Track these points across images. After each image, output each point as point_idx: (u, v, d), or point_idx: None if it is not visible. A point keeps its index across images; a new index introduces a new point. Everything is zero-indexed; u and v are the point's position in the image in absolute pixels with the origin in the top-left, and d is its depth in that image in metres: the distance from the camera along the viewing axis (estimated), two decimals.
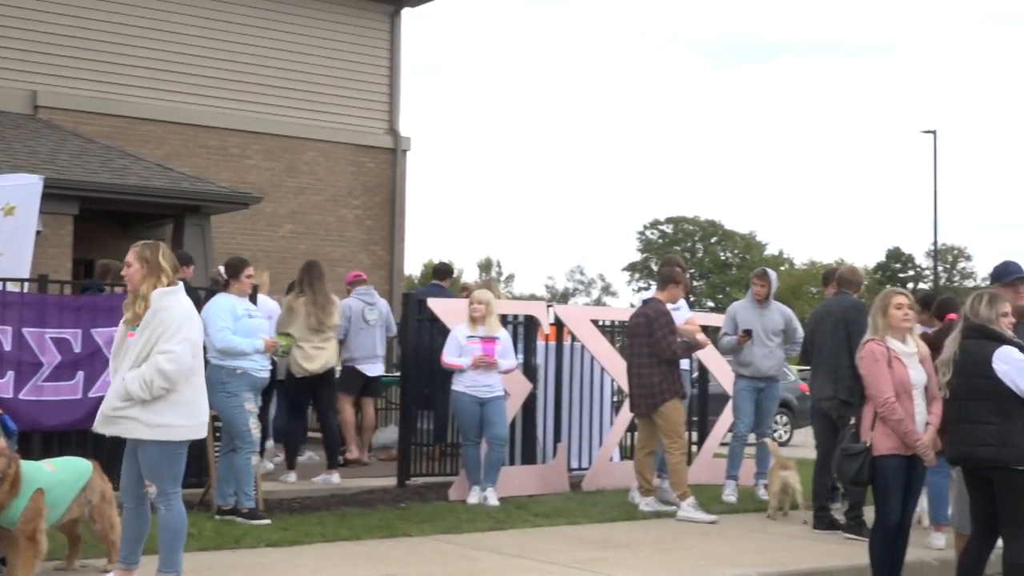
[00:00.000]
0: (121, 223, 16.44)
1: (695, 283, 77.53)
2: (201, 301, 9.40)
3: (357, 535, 8.80)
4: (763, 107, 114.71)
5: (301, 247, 18.31)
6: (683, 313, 11.15)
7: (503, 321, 11.18)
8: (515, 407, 11.36)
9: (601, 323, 12.46)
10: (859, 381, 7.71)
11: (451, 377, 10.68)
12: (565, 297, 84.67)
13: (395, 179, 20.05)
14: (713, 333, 11.89)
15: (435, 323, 11.43)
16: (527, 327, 11.85)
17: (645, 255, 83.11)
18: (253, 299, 9.95)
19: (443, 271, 14.25)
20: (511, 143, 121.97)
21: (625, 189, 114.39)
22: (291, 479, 11.18)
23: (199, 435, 6.72)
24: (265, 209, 17.92)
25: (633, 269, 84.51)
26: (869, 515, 8.39)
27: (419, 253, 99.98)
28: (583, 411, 12.33)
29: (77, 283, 12.19)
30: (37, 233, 10.60)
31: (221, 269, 9.84)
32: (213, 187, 15.63)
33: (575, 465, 12.11)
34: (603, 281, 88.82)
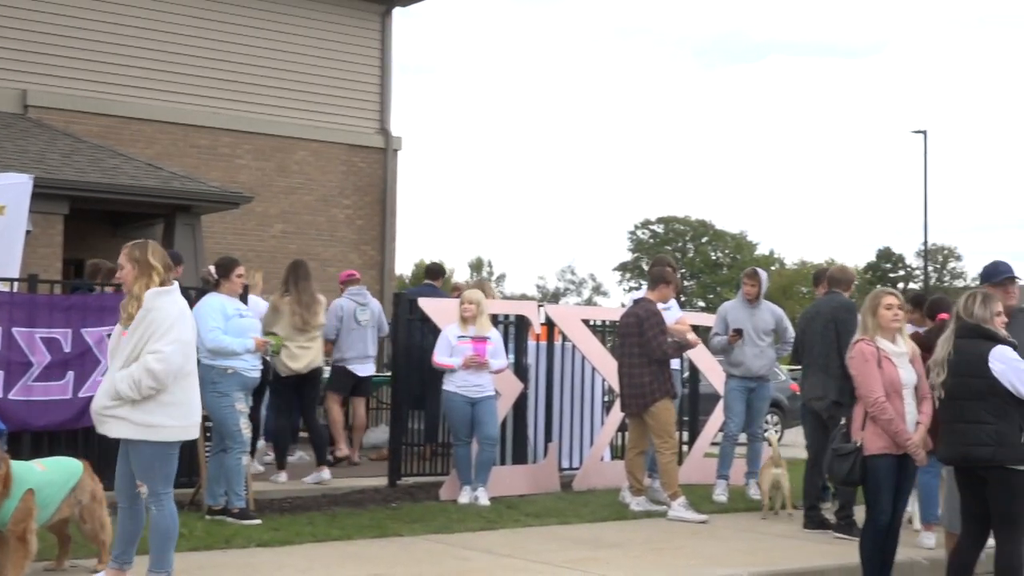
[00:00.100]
0: (111, 223, 16.43)
1: (686, 283, 77.63)
2: (192, 301, 9.38)
3: (348, 535, 8.79)
4: (753, 107, 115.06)
5: (292, 247, 18.26)
6: (674, 313, 11.16)
7: (494, 321, 11.18)
8: (506, 407, 11.36)
9: (592, 323, 12.46)
10: (849, 381, 7.73)
11: (442, 377, 10.68)
12: (556, 297, 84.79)
13: (386, 179, 20.02)
14: (704, 333, 11.91)
15: (426, 323, 11.45)
16: (518, 327, 11.85)
17: (636, 255, 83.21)
18: (244, 299, 9.94)
19: (435, 271, 14.24)
20: (502, 143, 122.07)
21: (616, 189, 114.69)
22: (281, 479, 11.16)
23: (190, 436, 6.69)
24: (256, 209, 17.89)
25: (624, 269, 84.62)
26: (859, 515, 8.40)
27: (410, 253, 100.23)
28: (574, 411, 12.33)
29: (67, 283, 12.16)
30: (27, 233, 10.58)
31: (212, 269, 9.83)
32: (204, 187, 15.60)
33: (566, 465, 12.12)
34: (594, 281, 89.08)
